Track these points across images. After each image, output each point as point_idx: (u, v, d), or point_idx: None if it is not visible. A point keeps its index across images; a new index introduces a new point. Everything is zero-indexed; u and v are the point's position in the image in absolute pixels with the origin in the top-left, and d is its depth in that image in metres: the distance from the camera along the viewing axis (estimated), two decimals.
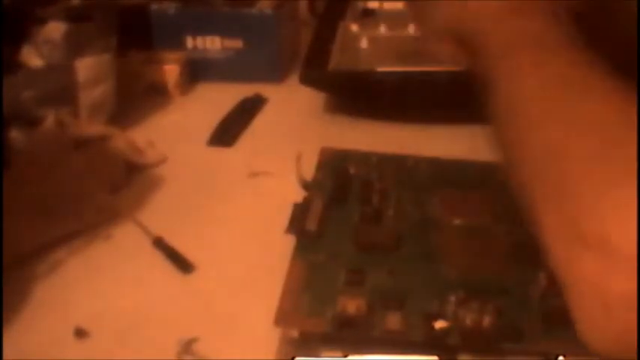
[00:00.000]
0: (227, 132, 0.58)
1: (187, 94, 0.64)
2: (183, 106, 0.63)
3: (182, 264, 0.42)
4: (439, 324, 0.34)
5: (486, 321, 0.35)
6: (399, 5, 0.70)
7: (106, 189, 0.48)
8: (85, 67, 0.54)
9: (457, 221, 0.43)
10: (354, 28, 0.65)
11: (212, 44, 0.65)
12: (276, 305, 0.35)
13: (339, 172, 0.47)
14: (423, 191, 0.46)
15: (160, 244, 0.43)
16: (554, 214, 0.26)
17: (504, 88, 0.31)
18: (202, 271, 0.42)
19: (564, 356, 0.33)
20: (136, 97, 0.61)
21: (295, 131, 0.58)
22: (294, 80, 0.60)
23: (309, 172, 0.47)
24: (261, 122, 0.60)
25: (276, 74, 0.66)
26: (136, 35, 0.62)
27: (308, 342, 0.34)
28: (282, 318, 0.35)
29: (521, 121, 0.30)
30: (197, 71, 0.65)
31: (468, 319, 0.35)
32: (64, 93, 0.53)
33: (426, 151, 0.50)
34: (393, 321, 0.35)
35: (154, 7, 0.64)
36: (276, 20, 0.64)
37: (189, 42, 0.65)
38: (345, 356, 0.34)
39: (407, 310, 0.35)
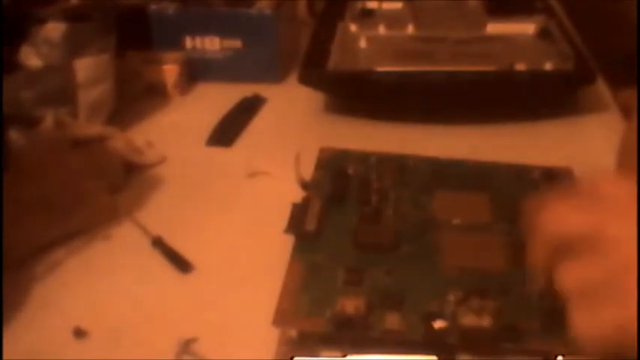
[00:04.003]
0: (226, 132, 0.58)
1: (186, 94, 0.64)
2: (182, 106, 0.63)
3: (181, 264, 0.42)
4: (438, 324, 0.34)
5: (485, 321, 0.35)
6: (398, 5, 0.70)
7: (105, 189, 0.48)
8: (84, 67, 0.54)
9: (456, 221, 0.43)
10: (353, 28, 0.65)
11: (211, 44, 0.65)
12: (275, 305, 0.35)
13: (337, 172, 0.47)
14: (422, 191, 0.46)
15: (158, 244, 0.43)
16: None
17: None
18: (201, 270, 0.42)
19: (563, 356, 0.34)
20: (135, 97, 0.61)
21: (294, 131, 0.58)
22: (293, 80, 0.60)
23: (308, 171, 0.47)
24: (260, 122, 0.60)
25: (275, 74, 0.66)
26: (134, 35, 0.62)
27: (307, 342, 0.34)
28: (280, 318, 0.35)
29: None
30: (196, 71, 0.65)
31: (467, 319, 0.35)
32: (63, 93, 0.53)
33: (424, 151, 0.50)
34: (392, 321, 0.35)
35: (153, 7, 0.64)
36: (275, 20, 0.64)
37: (188, 42, 0.65)
38: (344, 356, 0.34)
39: (406, 310, 0.35)
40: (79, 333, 0.37)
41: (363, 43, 0.63)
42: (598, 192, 0.31)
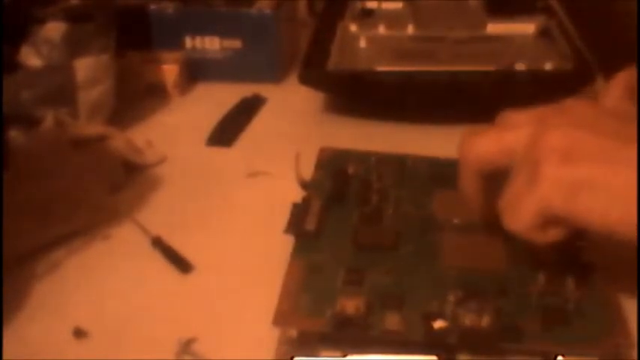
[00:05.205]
0: (226, 132, 0.58)
1: (186, 94, 0.64)
2: (182, 106, 0.63)
3: (181, 264, 0.42)
4: (438, 324, 0.34)
5: (485, 320, 0.35)
6: (398, 5, 0.70)
7: (104, 189, 0.48)
8: (84, 67, 0.54)
9: (456, 221, 0.43)
10: (353, 27, 0.65)
11: (211, 44, 0.65)
12: (275, 305, 0.35)
13: (338, 172, 0.47)
14: (422, 191, 0.46)
15: (158, 243, 0.43)
16: None
17: None
18: (201, 270, 0.42)
19: (563, 356, 0.34)
20: (134, 97, 0.61)
21: (294, 131, 0.58)
22: (293, 80, 0.60)
23: (308, 171, 0.47)
24: (260, 122, 0.60)
25: (275, 74, 0.66)
26: (134, 35, 0.62)
27: (307, 342, 0.34)
28: (280, 318, 0.35)
29: None
30: (196, 71, 0.65)
31: (467, 319, 0.35)
32: (63, 93, 0.53)
33: (425, 151, 0.50)
34: (392, 321, 0.35)
35: (153, 7, 0.64)
36: (275, 20, 0.64)
37: (188, 42, 0.65)
38: (344, 356, 0.34)
39: (406, 310, 0.35)
40: (79, 333, 0.37)
41: (363, 43, 0.63)
42: (505, 120, 0.37)
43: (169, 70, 0.63)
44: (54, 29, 0.54)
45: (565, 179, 0.32)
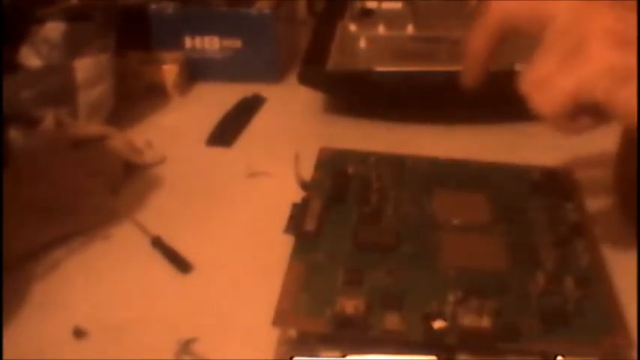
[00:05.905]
0: (226, 132, 0.58)
1: (186, 94, 0.64)
2: (181, 106, 0.63)
3: (181, 264, 0.42)
4: (438, 324, 0.34)
5: (485, 321, 0.35)
6: (398, 5, 0.70)
7: (104, 189, 0.48)
8: (84, 67, 0.54)
9: (456, 221, 0.43)
10: (353, 27, 0.65)
11: (211, 44, 0.65)
12: (275, 305, 0.35)
13: (337, 172, 0.47)
14: (422, 191, 0.46)
15: (158, 244, 0.43)
16: None
17: None
18: (201, 271, 0.42)
19: (563, 356, 0.34)
20: (134, 97, 0.61)
21: (294, 131, 0.58)
22: (292, 80, 0.60)
23: (307, 172, 0.47)
24: (259, 122, 0.60)
25: (274, 74, 0.66)
26: (134, 35, 0.62)
27: (306, 342, 0.34)
28: (280, 318, 0.35)
29: None
30: (196, 71, 0.65)
31: (467, 319, 0.35)
32: (62, 93, 0.53)
33: (424, 151, 0.50)
34: (392, 321, 0.35)
35: (153, 7, 0.64)
36: (275, 20, 0.64)
37: (188, 42, 0.65)
38: (344, 356, 0.34)
39: (405, 310, 0.35)
40: (79, 333, 0.37)
41: (362, 43, 0.63)
42: None
43: (169, 70, 0.63)
44: (54, 29, 0.54)
45: (616, 64, 0.29)
